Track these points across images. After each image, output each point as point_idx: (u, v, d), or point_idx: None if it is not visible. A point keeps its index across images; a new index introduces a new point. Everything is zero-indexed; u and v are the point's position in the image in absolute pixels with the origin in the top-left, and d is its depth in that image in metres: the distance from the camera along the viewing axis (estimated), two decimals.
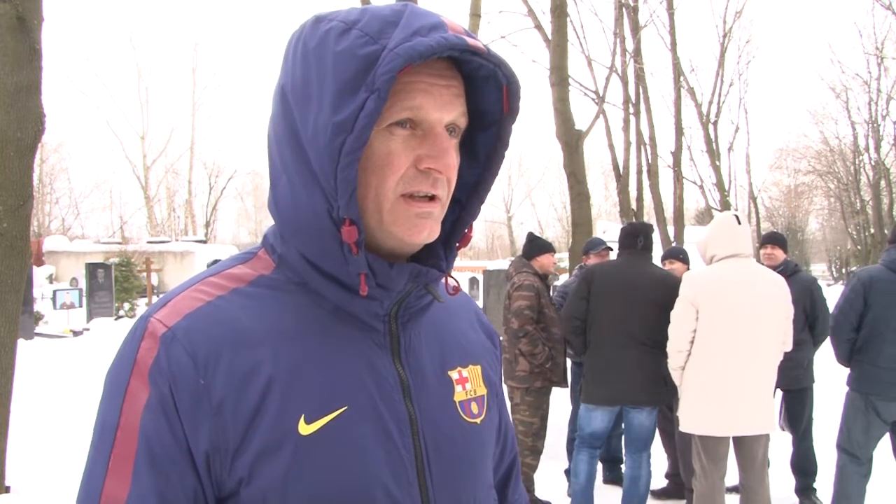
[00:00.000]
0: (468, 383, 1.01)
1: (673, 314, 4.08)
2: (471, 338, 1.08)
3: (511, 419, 4.46)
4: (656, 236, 19.81)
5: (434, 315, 1.00)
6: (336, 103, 0.81)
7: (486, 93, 0.91)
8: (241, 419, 0.82)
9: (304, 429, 0.84)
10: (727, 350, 3.86)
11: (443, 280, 0.97)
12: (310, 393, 0.85)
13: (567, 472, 5.65)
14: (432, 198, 0.87)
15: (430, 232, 0.88)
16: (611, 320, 4.43)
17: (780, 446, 5.35)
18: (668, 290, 4.37)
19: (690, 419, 4.00)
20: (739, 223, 4.04)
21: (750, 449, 4.01)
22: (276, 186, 0.91)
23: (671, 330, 4.07)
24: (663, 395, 4.45)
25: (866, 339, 4.25)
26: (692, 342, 3.98)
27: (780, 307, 3.94)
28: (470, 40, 0.83)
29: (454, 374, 1.00)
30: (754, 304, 3.88)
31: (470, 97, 0.90)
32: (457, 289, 1.00)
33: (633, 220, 17.74)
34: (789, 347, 4.02)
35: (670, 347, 4.08)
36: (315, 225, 0.86)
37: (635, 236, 4.61)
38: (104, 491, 0.82)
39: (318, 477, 0.83)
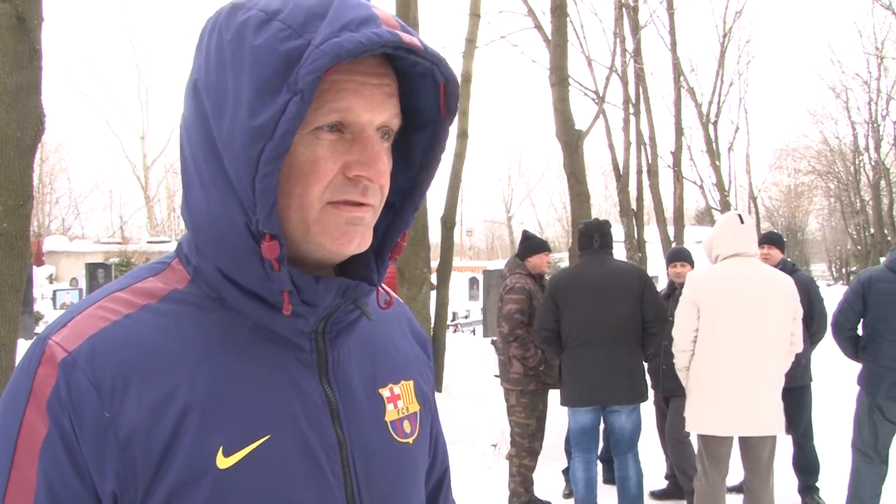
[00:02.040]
0: (400, 401, 0.94)
1: (676, 314, 4.08)
2: (403, 350, 1.00)
3: (508, 420, 4.38)
4: (656, 236, 19.83)
5: (363, 328, 0.92)
6: (254, 105, 0.72)
7: (421, 90, 0.83)
8: (153, 454, 0.74)
9: (223, 462, 0.76)
10: (730, 349, 3.85)
11: (371, 294, 0.89)
12: (229, 422, 0.77)
13: (564, 471, 5.66)
14: (363, 204, 0.79)
15: (360, 241, 0.80)
16: (580, 323, 4.42)
17: (782, 446, 5.35)
18: (634, 279, 4.39)
19: (694, 418, 4.00)
20: (743, 222, 4.03)
21: (755, 450, 4.00)
22: (190, 192, 0.82)
23: (674, 330, 4.07)
24: (641, 393, 4.45)
25: (868, 339, 4.27)
26: (695, 341, 3.97)
27: (785, 307, 3.91)
28: (405, 37, 0.75)
29: (385, 392, 0.93)
30: (758, 303, 3.86)
31: (403, 95, 0.82)
32: (389, 302, 0.94)
33: (634, 219, 17.74)
34: (799, 349, 3.99)
35: (674, 347, 4.08)
36: (232, 238, 0.78)
37: (590, 236, 4.59)
38: None
39: None
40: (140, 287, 0.83)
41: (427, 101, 0.84)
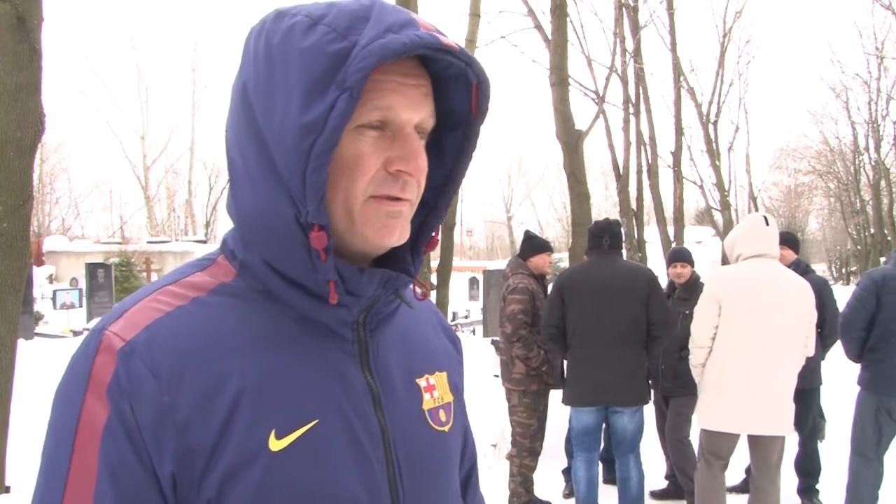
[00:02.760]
0: (436, 391, 0.98)
1: (696, 310, 4.10)
2: (436, 344, 1.05)
3: (509, 420, 4.40)
4: (656, 236, 19.84)
5: (400, 322, 0.97)
6: (305, 103, 0.77)
7: (454, 92, 0.88)
8: (209, 437, 0.77)
9: (275, 444, 0.80)
10: (747, 348, 3.87)
11: (409, 286, 0.94)
12: (280, 406, 0.81)
13: (565, 471, 5.65)
14: (402, 198, 0.84)
15: (400, 233, 0.85)
16: (586, 322, 4.42)
17: (785, 446, 5.36)
18: (641, 281, 4.39)
19: (706, 414, 4.03)
20: (768, 224, 4.05)
21: (765, 449, 4.03)
22: (237, 189, 0.87)
23: (694, 326, 4.08)
24: (644, 394, 4.45)
25: (878, 338, 4.22)
26: (713, 338, 3.99)
27: (802, 310, 3.93)
28: (443, 38, 0.80)
29: (422, 382, 0.97)
30: (776, 305, 3.88)
31: (436, 97, 0.87)
32: (425, 294, 0.98)
33: (634, 219, 17.74)
34: (811, 352, 4.00)
35: (692, 344, 4.10)
36: (280, 230, 0.82)
37: (600, 236, 4.58)
38: None
39: (290, 493, 0.80)
40: (189, 281, 0.87)
41: (459, 103, 0.89)
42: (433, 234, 0.94)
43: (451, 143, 0.92)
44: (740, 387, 3.88)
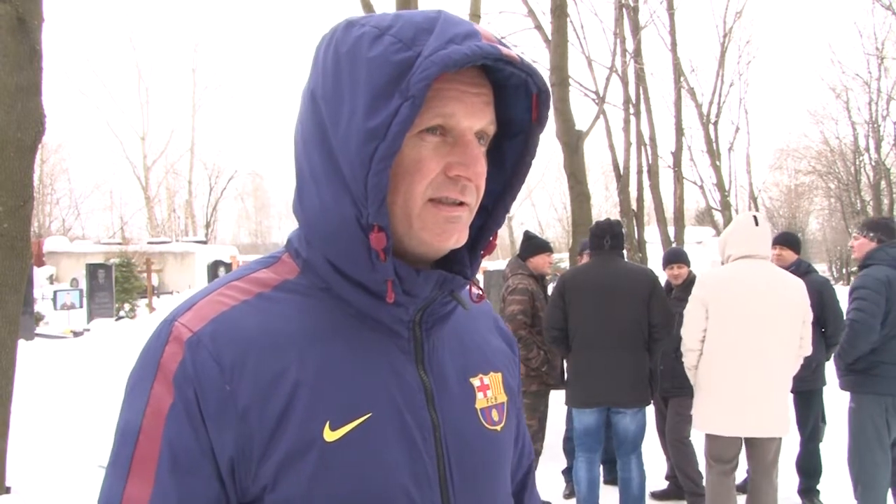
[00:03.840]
0: (489, 390, 1.01)
1: (685, 312, 4.08)
2: (492, 345, 1.07)
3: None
4: (656, 237, 19.83)
5: (456, 322, 1.00)
6: (369, 109, 0.80)
7: (515, 101, 0.91)
8: (267, 425, 0.81)
9: (329, 435, 0.83)
10: (738, 350, 3.85)
11: (466, 287, 0.97)
12: (335, 399, 0.84)
13: (564, 472, 5.65)
14: (461, 203, 0.86)
15: (458, 237, 0.87)
16: (587, 324, 4.41)
17: (786, 446, 5.36)
18: (642, 282, 4.37)
19: (702, 418, 4.01)
20: (758, 224, 4.01)
21: (761, 450, 4.00)
22: (303, 190, 0.91)
23: (683, 329, 4.07)
24: (646, 395, 4.44)
25: (886, 338, 4.17)
26: (703, 341, 3.97)
27: (796, 310, 3.89)
28: (503, 49, 0.83)
29: (476, 381, 0.99)
30: (767, 305, 3.85)
31: (498, 105, 0.90)
32: (481, 297, 1.00)
33: (634, 220, 17.73)
34: (808, 352, 3.96)
35: (683, 347, 4.08)
36: (343, 230, 0.85)
37: (601, 237, 4.57)
38: (126, 494, 0.81)
39: (342, 483, 0.83)
40: (254, 277, 0.91)
41: (519, 112, 0.92)
42: (491, 237, 0.97)
43: (511, 151, 0.95)
44: (732, 389, 3.85)
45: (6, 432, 3.46)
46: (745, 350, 3.83)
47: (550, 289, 5.10)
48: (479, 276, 19.15)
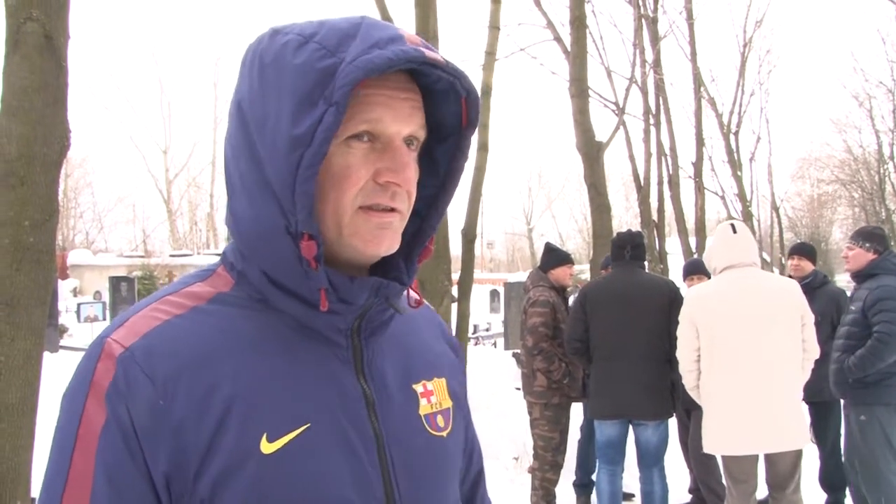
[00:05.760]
0: (433, 396, 1.00)
1: (677, 333, 3.98)
2: (436, 350, 1.06)
3: (531, 434, 4.37)
4: (678, 248, 19.69)
5: (397, 328, 0.99)
6: (294, 117, 0.80)
7: (445, 105, 0.91)
8: (203, 439, 0.80)
9: (267, 447, 0.82)
10: (735, 364, 3.72)
11: (405, 293, 0.96)
12: (272, 411, 0.83)
13: (575, 484, 5.57)
14: (392, 209, 0.86)
15: (390, 243, 0.87)
16: (609, 336, 4.39)
17: (808, 460, 5.27)
18: (663, 293, 4.34)
19: (711, 439, 3.88)
20: (735, 232, 3.91)
21: (775, 465, 3.89)
22: (234, 201, 0.91)
23: (678, 351, 3.97)
24: (668, 408, 4.40)
25: None
26: (698, 360, 3.87)
27: (791, 312, 3.77)
28: (427, 52, 0.83)
29: (419, 388, 0.98)
30: (758, 313, 3.73)
31: (428, 109, 0.90)
32: (419, 301, 0.99)
33: (655, 231, 17.62)
34: (816, 354, 3.84)
35: (680, 368, 3.99)
36: (274, 240, 0.85)
37: (622, 248, 4.56)
38: None
39: (282, 496, 0.82)
40: (189, 291, 0.91)
41: (449, 115, 0.92)
42: (427, 243, 0.97)
43: (443, 155, 0.95)
44: (737, 405, 3.71)
45: (32, 444, 3.48)
46: (743, 363, 3.70)
47: (571, 300, 5.08)
48: (500, 288, 19.13)
